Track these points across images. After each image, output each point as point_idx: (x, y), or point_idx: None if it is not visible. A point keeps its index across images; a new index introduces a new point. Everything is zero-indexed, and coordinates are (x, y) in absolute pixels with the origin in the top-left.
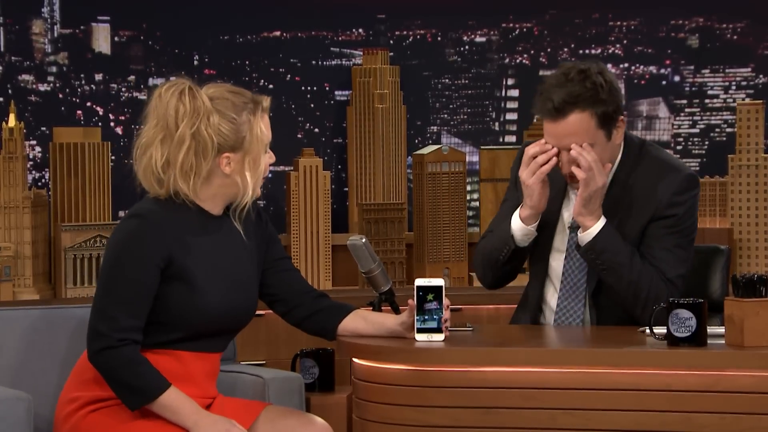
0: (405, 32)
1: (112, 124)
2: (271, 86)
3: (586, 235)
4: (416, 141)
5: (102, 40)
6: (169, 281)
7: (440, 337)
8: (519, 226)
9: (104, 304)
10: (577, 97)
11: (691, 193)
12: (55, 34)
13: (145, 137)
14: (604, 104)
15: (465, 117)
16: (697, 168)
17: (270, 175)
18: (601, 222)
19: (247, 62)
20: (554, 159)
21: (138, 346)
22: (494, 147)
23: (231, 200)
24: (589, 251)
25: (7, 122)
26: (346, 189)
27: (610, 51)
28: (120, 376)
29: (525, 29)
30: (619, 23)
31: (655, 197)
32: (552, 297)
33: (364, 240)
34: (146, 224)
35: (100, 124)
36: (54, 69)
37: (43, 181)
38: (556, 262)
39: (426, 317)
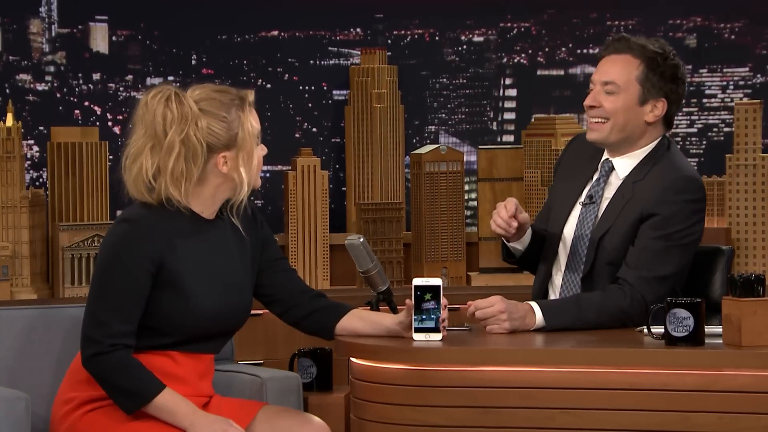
0: (403, 32)
1: (110, 123)
2: (268, 86)
3: (537, 327)
4: (414, 140)
5: (100, 39)
6: (160, 286)
7: (438, 336)
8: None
9: (96, 310)
10: (640, 47)
11: (684, 196)
12: (53, 34)
13: (134, 146)
14: (655, 69)
15: (463, 116)
16: (695, 168)
17: (267, 175)
18: (538, 314)
19: (245, 62)
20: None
21: (130, 350)
22: (492, 146)
23: (228, 198)
24: (552, 330)
25: (4, 122)
26: (344, 188)
27: None
28: (114, 381)
29: (523, 29)
30: (617, 23)
31: (646, 195)
32: (557, 275)
33: (362, 239)
34: (137, 229)
35: (97, 123)
36: (52, 68)
37: (41, 180)
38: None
39: (424, 317)
